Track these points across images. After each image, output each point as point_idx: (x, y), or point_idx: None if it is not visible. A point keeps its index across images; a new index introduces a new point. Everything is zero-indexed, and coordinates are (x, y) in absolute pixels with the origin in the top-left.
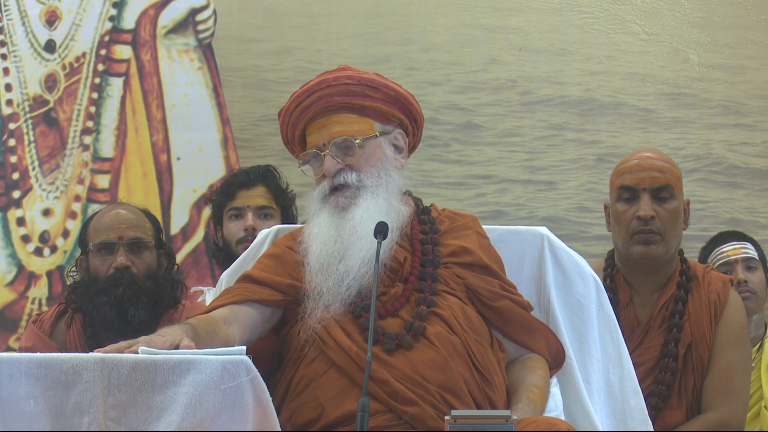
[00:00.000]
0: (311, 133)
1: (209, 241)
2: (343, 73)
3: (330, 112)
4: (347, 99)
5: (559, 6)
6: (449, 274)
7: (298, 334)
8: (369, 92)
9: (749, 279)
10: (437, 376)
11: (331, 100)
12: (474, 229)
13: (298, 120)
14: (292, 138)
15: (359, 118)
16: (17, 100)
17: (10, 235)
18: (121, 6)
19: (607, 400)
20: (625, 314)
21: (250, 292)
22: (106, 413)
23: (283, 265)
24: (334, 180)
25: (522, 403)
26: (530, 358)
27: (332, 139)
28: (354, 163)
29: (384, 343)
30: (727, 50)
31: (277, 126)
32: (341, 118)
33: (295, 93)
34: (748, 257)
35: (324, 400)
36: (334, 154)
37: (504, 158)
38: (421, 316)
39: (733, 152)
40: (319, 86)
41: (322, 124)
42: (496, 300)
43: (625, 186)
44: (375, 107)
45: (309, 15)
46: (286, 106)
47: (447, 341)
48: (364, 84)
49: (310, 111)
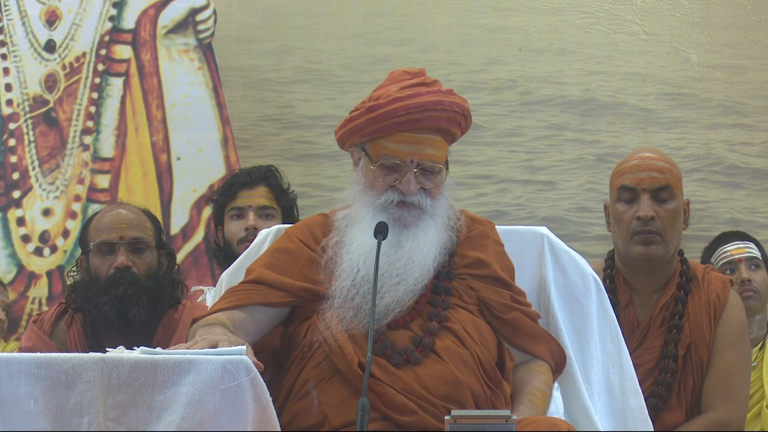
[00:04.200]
0: (397, 141)
1: (209, 241)
2: (453, 99)
3: (427, 131)
4: (447, 125)
5: (559, 6)
6: (463, 286)
7: (305, 334)
8: (462, 123)
9: (752, 278)
10: (443, 389)
11: (437, 122)
12: (492, 238)
13: (394, 126)
14: (365, 131)
15: (444, 144)
16: (17, 100)
17: (10, 235)
18: (121, 6)
19: (607, 400)
20: (625, 315)
21: (259, 295)
22: (106, 413)
23: (295, 262)
24: (408, 198)
25: (524, 405)
26: (534, 363)
27: (423, 161)
28: (431, 189)
29: (392, 358)
30: (727, 50)
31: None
32: (434, 140)
33: (403, 102)
34: (751, 256)
35: (327, 407)
36: (419, 174)
37: (504, 158)
38: (431, 331)
39: (733, 152)
40: (434, 105)
41: (415, 140)
42: (507, 312)
43: (625, 186)
44: (457, 136)
45: (309, 15)
46: (391, 108)
47: (456, 355)
48: (464, 114)
49: (416, 124)
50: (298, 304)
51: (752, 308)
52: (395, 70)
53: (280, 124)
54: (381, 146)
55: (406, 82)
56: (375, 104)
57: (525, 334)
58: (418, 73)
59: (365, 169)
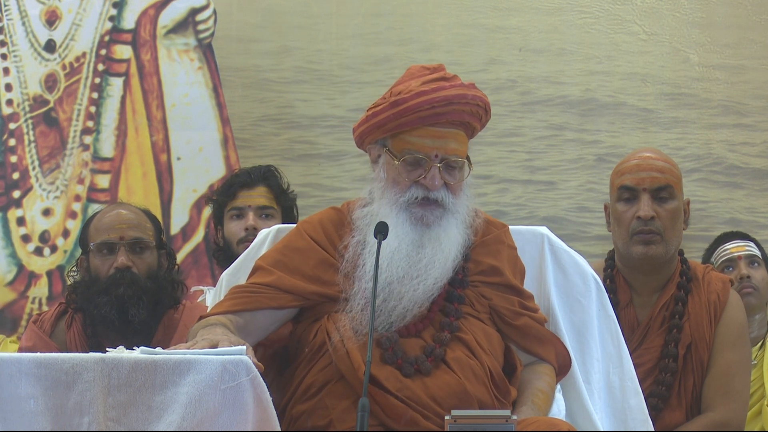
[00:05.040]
0: (421, 135)
1: (209, 241)
2: (476, 93)
3: (450, 125)
4: (470, 119)
5: (559, 6)
6: (475, 294)
7: (314, 335)
8: (483, 117)
9: (752, 275)
10: (452, 400)
11: (461, 116)
12: (506, 243)
13: (419, 121)
14: (388, 126)
15: (465, 139)
16: (17, 100)
17: (10, 235)
18: (121, 6)
19: (607, 400)
20: (625, 315)
21: (267, 297)
22: (106, 413)
23: (306, 262)
24: (431, 194)
25: (526, 406)
26: (539, 365)
27: (448, 156)
28: (453, 185)
29: (403, 368)
30: (727, 50)
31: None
32: (457, 135)
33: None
34: (751, 254)
35: (333, 412)
36: (443, 169)
37: (504, 158)
38: (443, 341)
39: (733, 152)
40: (458, 99)
41: (439, 134)
42: (517, 319)
43: (625, 186)
44: (477, 130)
45: (309, 15)
46: (416, 102)
47: (467, 366)
48: (485, 108)
49: (440, 118)
50: (308, 305)
51: (751, 305)
52: (413, 66)
53: (280, 124)
54: (405, 141)
55: (427, 77)
56: (399, 99)
57: (533, 338)
58: (437, 68)
59: (387, 165)
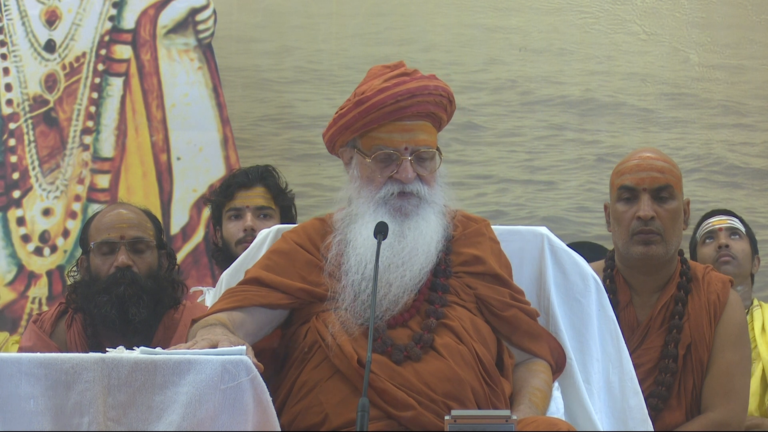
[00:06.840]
0: (389, 131)
1: (209, 241)
2: (437, 83)
3: (417, 117)
4: (435, 110)
5: (559, 6)
6: (460, 284)
7: (304, 336)
8: (448, 107)
9: (731, 245)
10: (444, 385)
11: (425, 108)
12: (487, 236)
13: (385, 116)
14: (356, 126)
15: (433, 130)
16: (17, 100)
17: (10, 235)
18: (121, 6)
19: (607, 400)
20: (625, 315)
21: (258, 295)
22: (106, 413)
23: (293, 264)
24: (407, 187)
25: (524, 404)
26: (534, 362)
27: (417, 147)
28: (426, 176)
29: (393, 355)
30: (727, 50)
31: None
32: (425, 126)
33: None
34: (732, 227)
35: (328, 407)
36: (414, 161)
37: (504, 158)
38: (430, 328)
39: (733, 152)
40: (420, 91)
41: (406, 127)
42: (506, 310)
43: (625, 186)
44: (444, 121)
45: (309, 15)
46: (379, 98)
47: (456, 351)
48: (449, 98)
49: (405, 111)
50: (298, 306)
51: (730, 273)
52: (374, 66)
53: (280, 124)
54: (373, 138)
55: (388, 74)
56: (363, 97)
57: (524, 332)
58: (398, 65)
59: (360, 165)
